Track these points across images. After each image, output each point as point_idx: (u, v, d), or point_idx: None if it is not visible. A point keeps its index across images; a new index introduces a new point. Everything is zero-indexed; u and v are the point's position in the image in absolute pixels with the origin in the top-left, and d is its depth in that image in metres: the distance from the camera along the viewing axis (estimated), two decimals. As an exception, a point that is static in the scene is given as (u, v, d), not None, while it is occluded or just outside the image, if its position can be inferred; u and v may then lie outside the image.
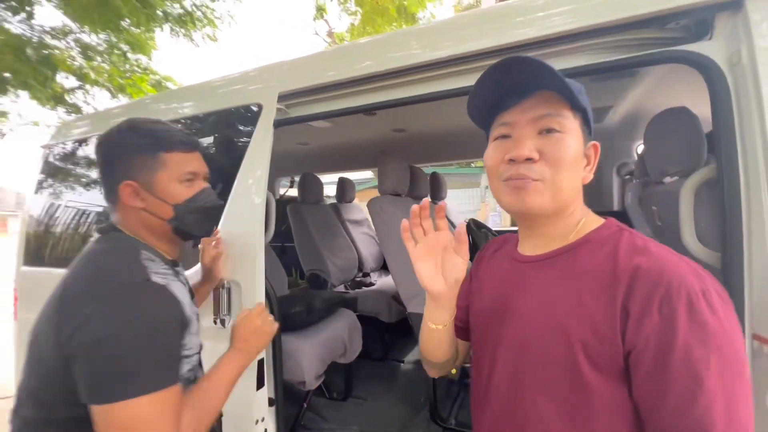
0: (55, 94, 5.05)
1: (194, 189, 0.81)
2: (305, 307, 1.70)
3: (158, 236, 0.80)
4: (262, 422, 1.24)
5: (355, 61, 1.23)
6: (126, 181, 0.75)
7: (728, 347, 0.44)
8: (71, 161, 1.84)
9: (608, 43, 0.97)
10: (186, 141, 0.80)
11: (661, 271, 0.47)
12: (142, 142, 0.76)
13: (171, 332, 0.68)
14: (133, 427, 0.59)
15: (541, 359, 0.55)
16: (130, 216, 0.78)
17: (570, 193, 0.57)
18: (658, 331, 0.45)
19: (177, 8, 4.68)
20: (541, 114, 0.56)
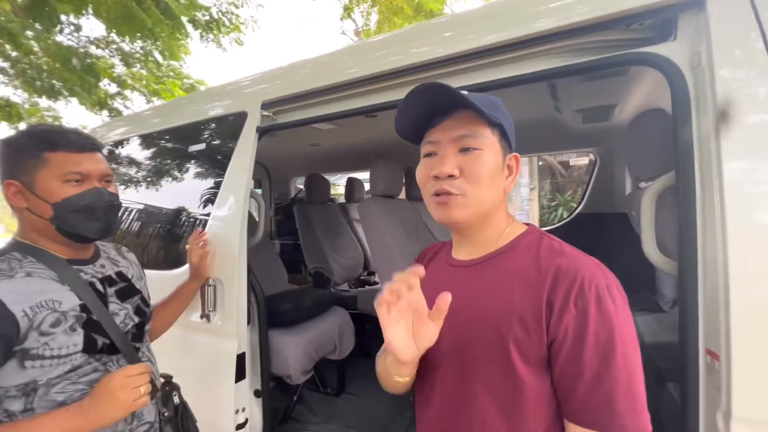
0: (99, 99, 5.49)
1: (81, 188, 0.79)
2: (294, 305, 1.77)
3: (46, 237, 0.80)
4: (243, 412, 1.32)
5: (336, 67, 1.27)
6: (8, 180, 0.76)
7: (626, 332, 0.51)
8: (115, 160, 1.99)
9: (573, 46, 0.95)
10: (75, 141, 0.79)
11: (577, 269, 0.54)
12: (28, 142, 0.77)
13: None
14: None
15: (481, 356, 0.60)
16: (20, 217, 0.80)
17: (491, 204, 0.62)
18: (574, 322, 0.52)
19: (205, 15, 4.94)
20: (460, 134, 0.61)
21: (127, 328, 0.85)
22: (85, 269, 0.84)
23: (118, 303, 0.86)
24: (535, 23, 0.93)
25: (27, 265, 0.75)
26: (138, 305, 0.91)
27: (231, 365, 1.25)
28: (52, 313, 0.72)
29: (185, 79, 5.90)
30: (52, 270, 0.77)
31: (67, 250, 0.82)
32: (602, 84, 1.60)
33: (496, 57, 1.01)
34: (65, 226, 0.78)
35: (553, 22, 0.92)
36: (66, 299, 0.75)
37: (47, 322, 0.71)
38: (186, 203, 1.56)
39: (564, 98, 1.79)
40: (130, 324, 0.87)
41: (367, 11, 6.61)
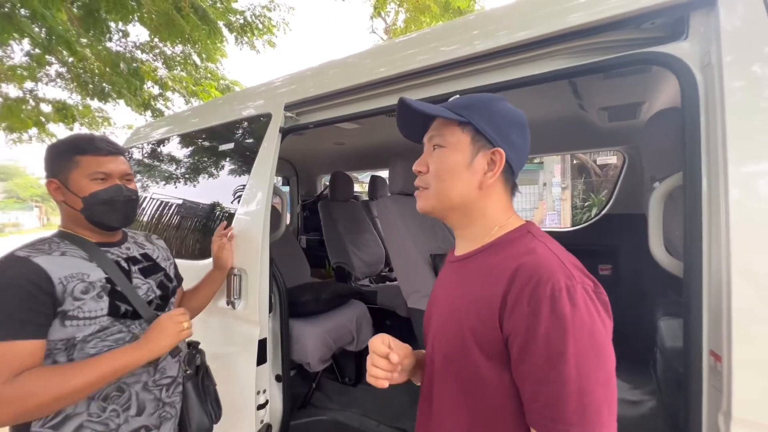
0: (144, 101, 5.87)
1: (104, 185, 0.94)
2: (313, 296, 1.86)
3: (80, 225, 0.96)
4: (264, 393, 1.42)
5: (357, 69, 1.33)
6: (51, 178, 0.93)
7: (583, 337, 0.49)
8: (152, 158, 2.16)
9: (586, 46, 0.95)
10: (100, 147, 0.95)
11: (536, 268, 0.53)
12: (64, 148, 0.94)
13: (17, 292, 0.78)
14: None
15: (446, 349, 0.63)
16: (60, 210, 0.97)
17: (459, 197, 0.65)
18: (525, 321, 0.51)
19: (239, 19, 5.16)
20: (430, 135, 0.69)
21: (149, 299, 1.00)
22: (112, 250, 0.99)
23: (142, 278, 1.01)
24: (548, 23, 0.95)
25: (63, 247, 0.90)
26: (161, 281, 1.06)
27: (253, 349, 1.34)
28: (81, 283, 0.86)
29: (221, 80, 6.20)
30: (83, 250, 0.92)
31: (96, 236, 0.98)
32: (625, 82, 1.57)
33: (509, 58, 1.02)
34: (92, 216, 0.94)
35: (567, 22, 0.93)
36: (93, 273, 0.90)
37: (78, 290, 0.85)
38: (217, 198, 1.68)
39: (587, 96, 1.76)
40: (152, 295, 1.01)
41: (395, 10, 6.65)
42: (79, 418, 0.83)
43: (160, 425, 0.96)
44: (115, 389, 0.88)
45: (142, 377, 0.93)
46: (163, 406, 0.97)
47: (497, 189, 0.65)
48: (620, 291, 2.46)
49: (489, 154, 0.63)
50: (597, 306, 0.51)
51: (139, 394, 0.92)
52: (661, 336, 1.61)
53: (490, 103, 0.65)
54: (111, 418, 0.86)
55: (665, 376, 1.53)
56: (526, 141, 0.66)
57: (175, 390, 1.01)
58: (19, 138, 6.34)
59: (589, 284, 0.53)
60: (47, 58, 4.71)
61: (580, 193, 10.27)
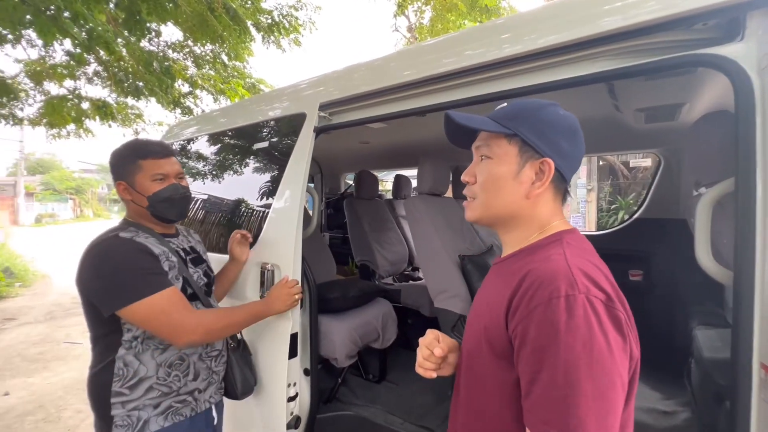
0: (174, 99, 6.07)
1: (164, 185, 1.09)
2: (341, 293, 1.89)
3: (146, 219, 1.11)
4: (294, 386, 1.45)
5: (390, 70, 1.34)
6: (119, 181, 1.08)
7: (578, 347, 0.47)
8: (191, 157, 2.24)
9: (632, 47, 0.93)
10: (156, 150, 1.09)
11: (541, 273, 0.54)
12: (127, 154, 1.08)
13: (142, 258, 0.99)
14: (159, 312, 0.96)
15: (469, 345, 0.67)
16: (128, 207, 1.12)
17: (504, 207, 0.66)
18: (522, 325, 0.53)
19: (267, 19, 5.26)
20: (478, 144, 0.70)
21: (200, 284, 1.16)
22: (172, 241, 1.16)
23: (193, 267, 1.17)
24: (593, 24, 0.93)
25: (142, 235, 1.06)
26: (206, 270, 1.23)
27: (285, 343, 1.38)
28: (167, 261, 1.06)
29: (247, 79, 6.33)
30: (154, 239, 1.08)
31: (160, 228, 1.14)
32: (665, 83, 1.52)
33: (552, 59, 1.01)
34: (156, 212, 1.09)
35: (612, 23, 0.91)
36: (170, 254, 1.08)
37: (166, 266, 1.05)
38: (250, 196, 1.73)
39: (623, 97, 1.71)
40: (201, 282, 1.18)
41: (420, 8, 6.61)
42: (150, 381, 1.01)
43: (207, 388, 1.14)
44: (177, 358, 1.06)
45: (198, 349, 1.11)
46: (211, 374, 1.15)
47: (546, 197, 0.65)
48: (652, 298, 2.39)
49: (537, 164, 0.63)
50: (602, 319, 0.49)
51: (195, 363, 1.10)
52: (698, 346, 1.56)
53: (537, 111, 0.64)
54: (174, 381, 1.04)
55: (702, 388, 1.48)
56: (578, 147, 0.65)
57: (220, 361, 1.20)
58: (57, 134, 6.68)
59: (599, 296, 0.51)
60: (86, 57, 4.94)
61: (607, 195, 9.96)
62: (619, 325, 0.50)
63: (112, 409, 0.97)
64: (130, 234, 1.03)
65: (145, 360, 1.01)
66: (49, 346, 4.00)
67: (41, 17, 3.35)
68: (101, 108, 5.16)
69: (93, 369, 1.02)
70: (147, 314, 0.95)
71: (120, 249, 0.99)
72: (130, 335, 1.00)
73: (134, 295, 0.94)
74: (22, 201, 22.34)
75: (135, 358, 1.00)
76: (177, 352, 1.06)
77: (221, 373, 1.21)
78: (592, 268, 0.55)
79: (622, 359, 0.49)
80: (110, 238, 1.01)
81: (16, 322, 4.85)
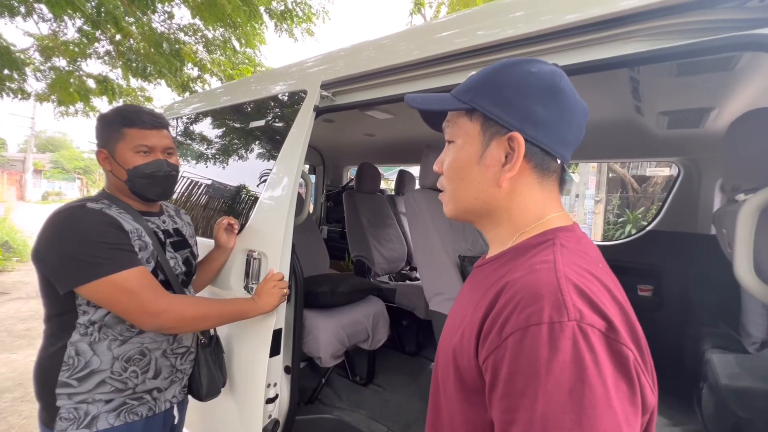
0: (183, 82, 6.00)
1: (147, 159, 0.98)
2: (330, 288, 1.78)
3: (124, 193, 1.01)
4: (274, 387, 1.35)
5: (399, 49, 1.23)
6: (101, 148, 0.98)
7: (561, 397, 0.34)
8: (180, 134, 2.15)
9: (666, 27, 0.81)
10: (145, 120, 0.98)
11: (521, 289, 0.41)
12: (113, 119, 0.98)
13: (109, 232, 0.88)
14: (124, 291, 0.86)
15: (441, 361, 0.54)
16: (107, 178, 1.02)
17: (474, 198, 0.53)
18: (493, 357, 0.40)
19: (280, 5, 5.17)
20: (443, 127, 0.58)
21: (176, 272, 1.05)
22: (152, 220, 1.05)
23: (172, 252, 1.06)
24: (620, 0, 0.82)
25: (114, 209, 0.95)
26: (187, 257, 1.11)
27: (267, 340, 1.27)
28: (138, 240, 0.95)
29: (258, 66, 6.25)
30: (129, 215, 0.97)
31: (139, 204, 1.04)
32: (699, 81, 1.39)
33: (574, 39, 0.89)
34: (134, 188, 0.99)
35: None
36: (144, 233, 0.97)
37: (137, 245, 0.94)
38: (240, 177, 1.63)
39: (648, 98, 1.59)
40: (178, 270, 1.06)
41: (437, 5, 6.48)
42: (102, 374, 0.90)
43: (168, 387, 1.03)
44: (138, 353, 0.94)
45: (163, 345, 1.00)
46: (175, 372, 1.04)
47: (526, 182, 0.50)
48: (661, 316, 2.26)
49: (504, 141, 0.49)
50: (599, 358, 0.35)
51: (158, 359, 0.99)
52: (713, 372, 1.43)
53: (500, 74, 0.51)
54: (130, 378, 0.93)
55: (717, 418, 1.35)
56: (562, 110, 0.49)
57: (187, 358, 1.09)
58: (66, 111, 6.64)
59: (598, 325, 0.37)
60: (96, 35, 4.88)
61: (615, 207, 9.78)
62: (624, 366, 0.36)
63: (57, 399, 0.87)
64: (100, 206, 0.92)
65: (100, 351, 0.90)
66: (37, 323, 3.93)
67: (50, -13, 3.29)
68: (102, 83, 5.09)
69: (42, 352, 0.90)
70: (110, 293, 0.85)
71: (85, 220, 0.87)
72: (85, 318, 0.89)
73: (96, 271, 0.84)
74: (30, 177, 22.49)
75: (89, 348, 0.89)
76: (138, 345, 0.95)
77: (187, 372, 1.10)
78: (592, 283, 0.41)
79: (627, 413, 0.35)
80: (75, 207, 0.89)
81: (7, 296, 4.80)
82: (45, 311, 0.92)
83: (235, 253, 1.42)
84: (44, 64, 5.73)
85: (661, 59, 0.82)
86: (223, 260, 1.39)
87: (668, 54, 0.80)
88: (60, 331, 0.89)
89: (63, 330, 0.89)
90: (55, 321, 0.91)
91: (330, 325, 1.69)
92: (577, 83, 0.90)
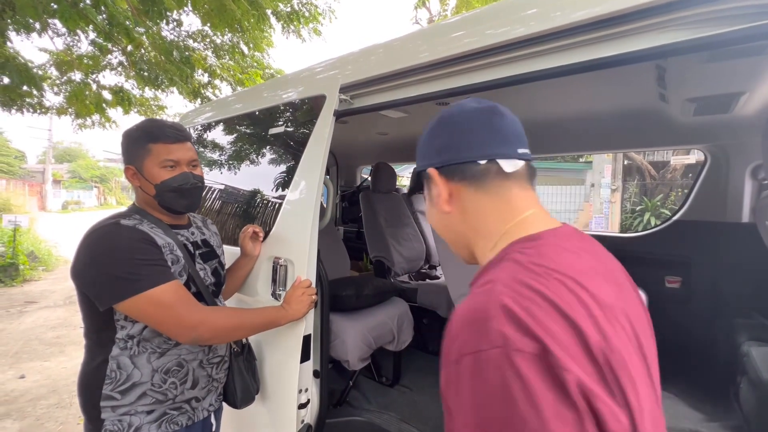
0: (194, 89, 6.08)
1: (174, 173, 1.00)
2: (355, 291, 1.78)
3: (153, 207, 1.03)
4: (305, 392, 1.36)
5: (413, 49, 1.21)
6: (128, 165, 1.00)
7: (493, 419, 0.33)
8: (197, 143, 2.18)
9: (695, 17, 0.78)
10: (169, 134, 0.99)
11: (456, 318, 0.40)
12: (138, 135, 0.99)
13: (144, 248, 0.90)
14: (162, 306, 0.87)
15: None
16: (136, 193, 1.04)
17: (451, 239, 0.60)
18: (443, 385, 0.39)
19: (287, 7, 5.17)
20: None
21: (206, 284, 1.06)
22: (181, 232, 1.06)
23: (201, 263, 1.07)
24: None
25: (146, 225, 0.97)
26: (216, 268, 1.13)
27: (297, 346, 1.28)
28: (171, 254, 0.96)
29: (266, 69, 6.29)
30: (160, 229, 0.99)
31: (168, 218, 1.05)
32: (729, 66, 1.34)
33: (593, 34, 0.86)
34: (163, 202, 1.01)
35: None
36: (175, 247, 0.99)
37: (170, 259, 0.95)
38: (262, 185, 1.64)
39: (674, 85, 1.54)
40: (208, 281, 1.08)
41: (443, -1, 6.41)
42: (143, 386, 0.92)
43: (206, 396, 1.05)
44: (176, 364, 0.97)
45: (199, 355, 1.02)
46: (211, 381, 1.06)
47: (466, 197, 0.53)
48: (690, 307, 2.20)
49: (428, 180, 0.58)
50: (528, 384, 0.33)
51: (195, 370, 1.01)
52: (752, 365, 1.39)
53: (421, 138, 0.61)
54: (170, 389, 0.95)
55: (760, 413, 1.32)
56: (452, 131, 0.55)
57: (222, 367, 1.11)
58: (83, 123, 6.80)
59: (527, 349, 0.34)
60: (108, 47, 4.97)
61: (632, 196, 9.56)
62: (562, 391, 0.33)
63: (102, 412, 0.90)
64: (133, 222, 0.94)
65: (140, 364, 0.92)
66: (66, 330, 4.06)
67: (63, 2, 3.35)
68: (117, 93, 5.20)
69: (85, 367, 0.94)
70: (147, 308, 0.87)
71: (120, 237, 0.89)
72: (124, 333, 0.91)
73: (134, 287, 0.85)
74: (49, 188, 23.15)
75: (130, 361, 0.92)
76: (176, 357, 0.97)
77: (222, 380, 1.12)
78: (531, 300, 0.37)
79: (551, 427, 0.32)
80: (110, 224, 0.91)
81: (36, 305, 4.96)
82: (85, 326, 0.95)
83: (261, 260, 1.43)
84: (60, 78, 5.88)
85: (700, 49, 0.78)
86: (249, 268, 1.41)
87: (707, 43, 0.77)
88: (100, 346, 0.92)
89: (103, 345, 0.91)
90: (95, 336, 0.93)
91: (356, 329, 1.70)
92: (595, 75, 0.87)
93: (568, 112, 2.00)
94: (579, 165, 11.10)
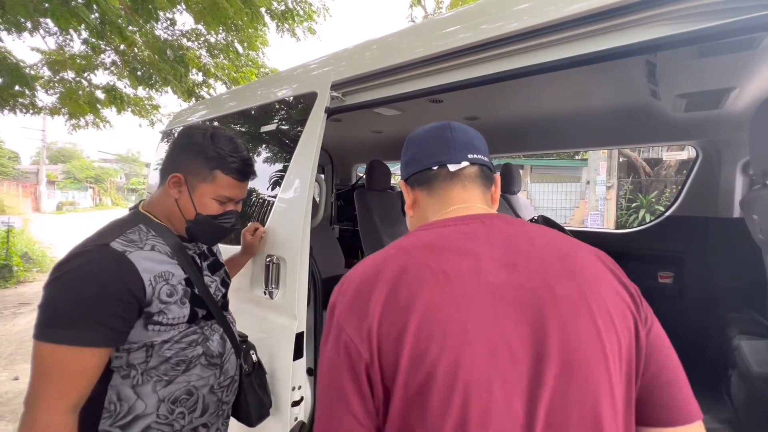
0: (188, 88, 6.04)
1: (222, 209, 0.92)
2: (349, 288, 1.78)
3: (173, 223, 0.91)
4: (299, 389, 1.36)
5: (405, 46, 1.21)
6: (177, 172, 0.87)
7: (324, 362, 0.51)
8: None
9: (687, 10, 0.78)
10: (241, 170, 0.92)
11: None
12: (210, 155, 0.87)
13: (110, 291, 0.72)
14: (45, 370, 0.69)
15: None
16: (164, 199, 0.90)
17: None
18: None
19: (281, 5, 5.15)
20: None
21: (217, 298, 0.97)
22: (189, 246, 0.96)
23: (210, 276, 0.98)
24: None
25: (150, 239, 0.85)
26: (223, 277, 1.04)
27: (290, 343, 1.28)
28: (166, 285, 0.82)
29: (261, 68, 6.26)
30: (167, 245, 0.87)
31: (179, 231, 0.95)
32: (719, 62, 1.35)
33: (581, 29, 0.86)
34: (194, 232, 0.92)
35: None
36: (175, 272, 0.85)
37: (164, 292, 0.81)
38: (254, 183, 1.63)
39: (665, 81, 1.55)
40: (219, 294, 0.99)
41: (438, -3, 6.40)
42: (148, 419, 0.81)
43: (214, 422, 0.96)
44: (185, 392, 0.86)
45: (210, 380, 0.91)
46: (221, 405, 0.96)
47: (421, 201, 0.66)
48: (683, 302, 2.22)
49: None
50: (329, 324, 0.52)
51: (205, 396, 0.90)
52: (742, 359, 1.40)
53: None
54: (177, 420, 0.85)
55: (749, 406, 1.33)
56: (413, 148, 0.68)
57: (232, 389, 1.00)
58: (77, 124, 6.75)
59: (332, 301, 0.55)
60: (101, 46, 4.93)
61: (627, 193, 9.62)
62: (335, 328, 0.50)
63: None
64: (127, 243, 0.78)
65: (144, 394, 0.80)
66: (62, 331, 4.03)
67: (55, 1, 3.31)
68: (110, 92, 5.16)
69: None
70: (38, 362, 0.70)
71: (91, 269, 0.73)
72: (121, 362, 0.79)
73: (48, 332, 0.69)
74: (44, 188, 22.98)
75: (132, 391, 0.79)
76: (185, 384, 0.85)
77: (231, 401, 1.02)
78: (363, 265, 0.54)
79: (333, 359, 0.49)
80: (96, 248, 0.75)
81: (30, 307, 4.92)
82: None
83: (254, 258, 1.43)
84: (53, 78, 5.83)
85: (686, 43, 0.79)
86: (244, 263, 1.41)
87: (693, 38, 0.77)
88: None
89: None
90: None
91: (350, 326, 1.70)
92: (588, 71, 0.87)
93: (561, 109, 2.00)
94: (575, 162, 11.16)
